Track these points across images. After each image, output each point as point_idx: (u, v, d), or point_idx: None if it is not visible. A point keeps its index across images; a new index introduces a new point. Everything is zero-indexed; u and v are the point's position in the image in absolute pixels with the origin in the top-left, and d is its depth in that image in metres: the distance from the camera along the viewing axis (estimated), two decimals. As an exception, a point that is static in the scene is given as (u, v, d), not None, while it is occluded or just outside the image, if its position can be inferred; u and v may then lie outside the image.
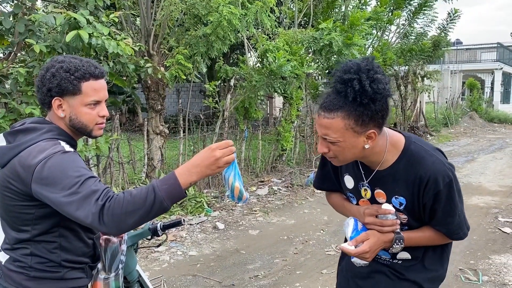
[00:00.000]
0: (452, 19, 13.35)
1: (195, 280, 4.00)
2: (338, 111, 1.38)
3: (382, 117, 1.41)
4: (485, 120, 21.16)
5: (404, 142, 1.52)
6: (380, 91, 1.35)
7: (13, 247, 1.53)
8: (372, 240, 1.50)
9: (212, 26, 5.84)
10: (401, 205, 1.52)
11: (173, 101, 16.10)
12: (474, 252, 4.67)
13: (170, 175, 1.38)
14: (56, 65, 1.51)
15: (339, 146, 1.43)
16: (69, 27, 4.07)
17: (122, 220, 1.32)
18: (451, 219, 1.51)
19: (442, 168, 1.46)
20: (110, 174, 5.94)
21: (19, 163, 1.44)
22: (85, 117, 1.54)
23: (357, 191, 1.63)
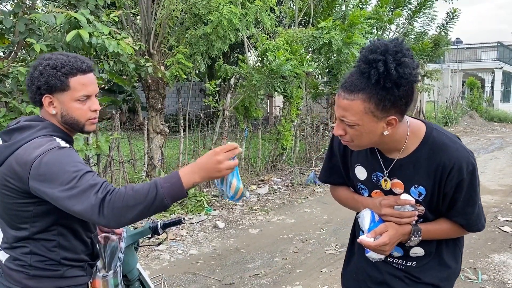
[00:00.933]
0: (452, 18, 13.35)
1: (195, 278, 4.01)
2: (359, 93, 1.29)
3: (405, 104, 1.32)
4: (485, 119, 21.17)
5: (426, 129, 1.45)
6: (406, 75, 1.25)
7: (13, 246, 1.54)
8: (391, 232, 1.42)
9: (212, 25, 5.85)
10: (420, 195, 1.45)
11: (173, 100, 16.11)
12: (473, 251, 4.68)
13: (173, 174, 1.40)
14: (43, 63, 1.51)
15: (357, 130, 1.35)
16: (69, 26, 4.07)
17: (122, 214, 1.33)
18: (471, 209, 1.45)
19: (465, 156, 1.40)
20: (111, 173, 5.95)
21: (15, 161, 1.45)
22: (76, 113, 1.54)
23: (370, 182, 1.54)
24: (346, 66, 8.16)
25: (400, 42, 1.29)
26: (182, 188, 1.37)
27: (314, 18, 9.71)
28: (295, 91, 8.37)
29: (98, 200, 1.33)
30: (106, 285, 1.69)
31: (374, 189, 1.54)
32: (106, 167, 5.92)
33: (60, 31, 4.51)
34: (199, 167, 1.39)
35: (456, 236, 1.57)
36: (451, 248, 1.59)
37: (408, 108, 1.37)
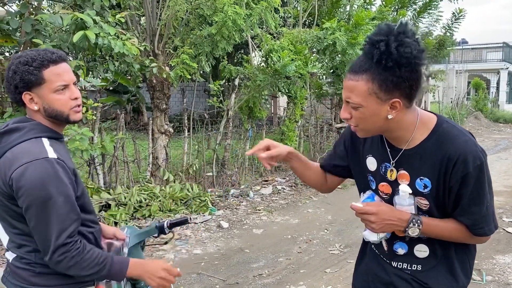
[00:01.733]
0: (457, 18, 13.31)
1: (200, 278, 4.03)
2: (363, 74, 1.32)
3: (410, 87, 1.32)
4: (490, 120, 21.07)
5: (436, 121, 1.43)
6: (406, 54, 1.27)
7: (17, 245, 1.57)
8: (383, 208, 1.43)
9: (217, 26, 5.87)
10: (426, 187, 1.42)
11: (178, 101, 16.14)
12: (478, 252, 4.59)
13: (124, 262, 1.60)
14: (15, 61, 1.53)
15: (361, 112, 1.36)
16: (75, 27, 4.11)
17: (70, 270, 1.51)
18: (477, 208, 1.38)
19: (474, 149, 1.36)
20: (115, 173, 5.98)
21: (3, 164, 1.50)
22: (57, 103, 1.55)
23: (378, 173, 1.53)
24: (350, 67, 8.14)
25: (405, 24, 1.30)
26: (123, 275, 1.59)
27: (319, 18, 9.71)
28: (299, 92, 8.37)
29: (57, 256, 1.48)
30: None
31: (381, 181, 1.53)
32: (111, 167, 5.96)
33: (66, 31, 4.54)
34: (142, 267, 1.63)
35: (462, 241, 1.48)
36: (461, 255, 1.52)
37: (414, 93, 1.35)
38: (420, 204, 1.45)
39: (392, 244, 1.55)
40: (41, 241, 1.49)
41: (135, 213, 5.50)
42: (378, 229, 1.43)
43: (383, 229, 1.44)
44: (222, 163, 7.44)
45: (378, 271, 1.60)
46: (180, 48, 6.17)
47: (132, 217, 5.42)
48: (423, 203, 1.44)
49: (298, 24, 9.45)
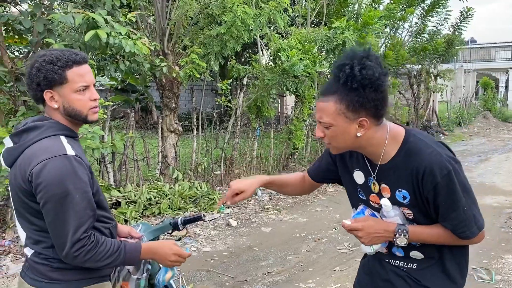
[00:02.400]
0: (465, 17, 13.22)
1: (209, 275, 4.07)
2: (332, 96, 1.43)
3: (375, 107, 1.42)
4: (499, 119, 20.89)
5: (404, 135, 1.51)
6: (368, 76, 1.37)
7: (35, 241, 1.61)
8: (369, 222, 1.53)
9: (226, 25, 5.90)
10: (405, 198, 1.50)
11: (185, 99, 16.20)
12: (487, 251, 4.66)
13: (137, 247, 1.65)
14: (39, 60, 1.57)
15: (332, 130, 1.47)
16: (87, 26, 4.15)
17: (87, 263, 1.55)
18: (454, 213, 1.44)
19: (438, 159, 1.42)
20: (125, 171, 6.04)
21: (22, 161, 1.54)
22: (78, 103, 1.59)
23: (367, 186, 1.62)
24: (359, 66, 8.14)
25: (368, 49, 1.43)
26: (136, 260, 1.67)
27: (327, 17, 9.70)
28: (307, 91, 8.39)
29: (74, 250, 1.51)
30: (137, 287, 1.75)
31: (370, 193, 1.61)
32: (121, 165, 6.02)
33: (77, 31, 4.59)
34: (154, 252, 1.69)
35: (453, 243, 1.53)
36: (457, 257, 1.58)
37: (380, 112, 1.45)
38: (405, 213, 1.54)
39: (391, 248, 1.63)
40: (57, 236, 1.52)
41: (145, 211, 5.55)
42: (368, 242, 1.54)
43: (373, 242, 1.54)
44: (230, 162, 7.47)
45: (378, 268, 1.69)
46: (189, 47, 6.21)
47: (142, 215, 5.47)
48: (407, 212, 1.53)
49: (307, 23, 9.45)
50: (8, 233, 4.63)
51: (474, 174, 8.88)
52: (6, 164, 1.63)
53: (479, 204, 1.54)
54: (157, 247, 1.70)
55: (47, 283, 1.59)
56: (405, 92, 14.86)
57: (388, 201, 1.53)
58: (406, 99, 14.58)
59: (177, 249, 1.71)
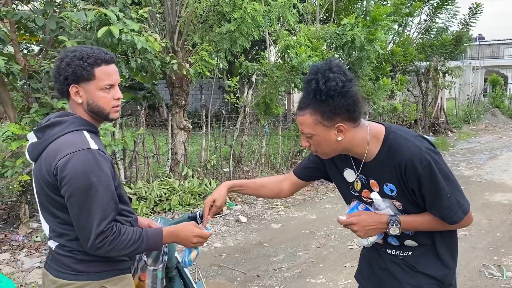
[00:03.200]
0: (474, 14, 13.13)
1: (221, 270, 4.10)
2: (307, 109, 1.54)
3: (347, 111, 1.52)
4: (507, 117, 20.73)
5: (384, 133, 1.60)
6: (333, 87, 1.47)
7: (59, 234, 1.64)
8: (363, 216, 1.62)
9: (236, 23, 5.92)
10: (392, 191, 1.59)
11: (192, 97, 16.25)
12: (497, 248, 4.65)
13: (158, 232, 1.67)
14: (70, 55, 1.61)
15: (315, 140, 1.57)
16: (99, 24, 4.19)
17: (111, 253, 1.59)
18: (439, 201, 1.53)
19: (418, 152, 1.51)
20: (136, 168, 6.09)
21: (47, 155, 1.57)
22: (102, 101, 1.63)
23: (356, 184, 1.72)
24: (367, 63, 8.14)
25: (329, 61, 1.53)
26: (160, 246, 1.71)
27: (336, 14, 9.68)
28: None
29: (98, 242, 1.54)
30: (154, 278, 1.78)
31: (363, 189, 1.70)
32: (132, 162, 6.07)
33: (90, 29, 4.63)
34: (175, 235, 1.71)
35: (444, 228, 1.62)
36: (447, 241, 1.67)
37: (354, 114, 1.54)
38: (395, 205, 1.63)
39: (386, 238, 1.72)
40: (81, 228, 1.55)
41: (156, 207, 5.60)
42: (363, 235, 1.63)
43: (368, 234, 1.63)
44: (239, 159, 7.51)
45: (376, 258, 1.78)
46: (199, 45, 6.24)
47: (152, 211, 5.52)
48: (397, 204, 1.62)
49: (315, 20, 9.44)
50: (22, 229, 4.70)
51: (483, 171, 8.85)
52: (31, 158, 1.67)
53: (490, 201, 1.58)
54: (178, 230, 1.72)
55: (71, 275, 1.63)
56: (413, 90, 14.79)
57: (377, 194, 1.63)
58: (414, 97, 14.52)
59: (198, 231, 1.73)
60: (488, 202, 6.42)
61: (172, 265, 2.02)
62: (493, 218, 5.71)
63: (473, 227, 5.31)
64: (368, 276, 1.83)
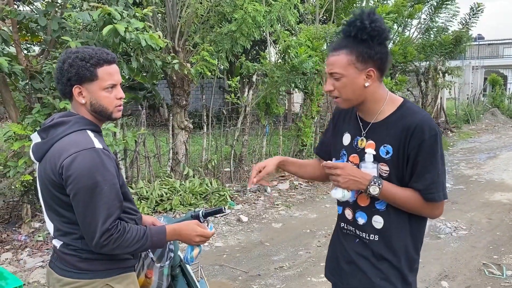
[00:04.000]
0: (475, 13, 13.14)
1: (222, 269, 4.13)
2: (343, 49, 1.60)
3: (380, 59, 1.60)
4: (507, 116, 20.75)
5: (403, 100, 1.68)
6: (377, 27, 1.55)
7: (64, 233, 1.66)
8: (349, 166, 1.64)
9: (237, 23, 5.94)
10: (388, 153, 1.62)
11: (192, 97, 16.27)
12: (497, 247, 4.68)
13: (161, 230, 1.70)
14: (72, 56, 1.63)
15: (342, 82, 1.61)
16: (103, 23, 4.20)
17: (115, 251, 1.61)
18: (429, 174, 1.57)
19: (429, 120, 1.58)
20: (137, 168, 6.11)
21: (52, 155, 1.59)
22: (105, 101, 1.66)
23: (350, 146, 1.75)
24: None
25: (374, 9, 1.62)
26: (164, 243, 1.72)
27: (335, 14, 9.71)
28: (315, 88, 8.41)
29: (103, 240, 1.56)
30: (161, 275, 1.80)
31: (352, 153, 1.74)
32: (133, 162, 6.09)
33: (93, 29, 4.65)
34: (178, 233, 1.75)
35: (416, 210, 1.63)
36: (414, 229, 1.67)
37: (384, 66, 1.62)
38: (381, 171, 1.64)
39: (355, 213, 1.72)
40: (86, 226, 1.57)
41: (157, 207, 5.62)
42: (343, 183, 1.61)
43: (348, 184, 1.61)
44: (240, 159, 7.53)
45: (342, 251, 1.79)
46: (200, 45, 6.26)
47: (154, 211, 5.54)
48: (384, 169, 1.63)
49: (315, 20, 9.46)
50: (24, 228, 4.72)
51: (483, 171, 8.87)
52: (35, 158, 1.69)
53: (489, 200, 1.60)
54: (181, 228, 1.75)
55: (76, 273, 1.65)
56: (413, 89, 14.81)
57: (372, 150, 1.66)
58: (414, 96, 14.54)
59: (200, 231, 1.76)
60: (488, 201, 6.44)
61: (176, 263, 2.04)
62: (493, 217, 5.73)
63: (473, 226, 5.34)
64: (336, 272, 1.81)
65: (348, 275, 1.74)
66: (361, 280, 1.69)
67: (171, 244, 1.93)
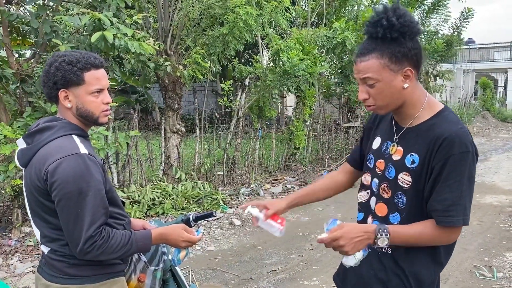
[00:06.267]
0: (465, 18, 13.28)
1: (215, 273, 4.11)
2: (372, 53, 1.44)
3: (415, 55, 1.45)
4: (498, 119, 20.97)
5: (443, 107, 1.53)
6: (407, 23, 1.40)
7: (51, 239, 1.65)
8: (346, 228, 1.44)
9: (228, 26, 5.95)
10: (413, 163, 1.49)
11: (185, 100, 16.26)
12: (488, 249, 4.71)
13: (147, 235, 1.68)
14: (59, 59, 1.61)
15: (378, 88, 1.46)
16: (93, 28, 4.19)
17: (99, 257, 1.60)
18: (450, 194, 1.41)
19: (464, 136, 1.41)
20: (129, 172, 6.08)
21: (37, 161, 1.58)
22: (91, 105, 1.64)
23: (379, 151, 1.63)
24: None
25: (397, 2, 1.50)
26: (149, 248, 1.71)
27: (327, 18, 9.76)
28: (308, 91, 8.44)
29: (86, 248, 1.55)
30: (154, 278, 1.79)
31: (379, 158, 1.62)
32: (125, 166, 6.06)
33: (83, 33, 4.63)
34: (164, 238, 1.73)
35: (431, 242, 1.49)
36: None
37: (419, 62, 1.47)
38: (402, 181, 1.51)
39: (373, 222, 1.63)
40: (70, 233, 1.55)
41: (149, 211, 5.59)
42: (351, 250, 1.43)
43: (356, 248, 1.44)
44: (232, 162, 7.52)
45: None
46: (192, 48, 6.26)
47: (146, 215, 5.51)
48: (406, 179, 1.50)
49: (307, 24, 9.51)
50: (15, 233, 4.67)
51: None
52: (21, 164, 1.67)
53: (480, 203, 1.55)
54: (167, 233, 1.73)
55: (64, 279, 1.64)
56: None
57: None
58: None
59: (186, 236, 1.74)
60: (479, 204, 6.49)
61: (166, 267, 2.03)
62: (484, 220, 5.77)
63: (465, 229, 5.36)
64: (343, 279, 1.76)
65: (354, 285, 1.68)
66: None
67: (164, 247, 1.92)
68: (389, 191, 1.56)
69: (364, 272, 1.62)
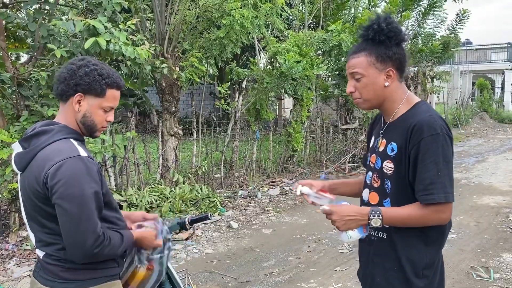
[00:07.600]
0: (461, 19, 13.32)
1: (212, 276, 4.11)
2: (363, 51, 1.66)
3: (399, 59, 1.66)
4: (495, 120, 21.04)
5: (418, 101, 1.70)
6: (394, 29, 1.62)
7: (46, 244, 1.65)
8: (342, 207, 1.63)
9: (225, 29, 5.97)
10: (393, 151, 1.66)
11: (182, 103, 16.26)
12: (485, 250, 4.72)
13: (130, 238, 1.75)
14: (91, 66, 1.64)
15: (363, 82, 1.66)
16: (88, 33, 4.21)
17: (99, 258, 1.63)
18: (427, 174, 1.54)
19: (431, 121, 1.57)
20: (127, 175, 6.08)
21: (36, 165, 1.58)
22: (98, 118, 1.68)
23: (373, 147, 1.81)
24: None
25: (388, 14, 1.71)
26: (132, 249, 1.81)
27: (324, 21, 9.79)
28: (305, 93, 8.46)
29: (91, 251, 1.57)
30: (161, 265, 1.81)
31: (372, 153, 1.79)
32: (122, 169, 6.06)
33: (79, 38, 4.64)
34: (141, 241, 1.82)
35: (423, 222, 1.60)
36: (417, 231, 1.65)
37: (403, 66, 1.68)
38: (387, 168, 1.67)
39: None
40: (72, 234, 1.55)
41: (146, 214, 5.58)
42: (341, 226, 1.60)
43: (347, 226, 1.60)
44: (230, 165, 7.53)
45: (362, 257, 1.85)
46: (188, 51, 6.27)
47: (143, 218, 5.50)
48: (389, 166, 1.67)
49: (304, 26, 9.53)
50: (12, 237, 4.67)
51: (471, 174, 8.96)
52: (18, 168, 1.67)
53: (477, 204, 1.59)
54: (143, 238, 1.83)
55: (59, 283, 1.64)
56: (402, 94, 14.90)
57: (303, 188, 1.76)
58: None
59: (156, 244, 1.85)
60: (476, 204, 6.51)
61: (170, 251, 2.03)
62: (481, 221, 5.79)
63: (461, 230, 5.39)
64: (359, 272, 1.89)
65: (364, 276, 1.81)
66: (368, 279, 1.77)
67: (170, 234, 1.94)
68: (378, 180, 1.72)
69: (364, 260, 1.80)
